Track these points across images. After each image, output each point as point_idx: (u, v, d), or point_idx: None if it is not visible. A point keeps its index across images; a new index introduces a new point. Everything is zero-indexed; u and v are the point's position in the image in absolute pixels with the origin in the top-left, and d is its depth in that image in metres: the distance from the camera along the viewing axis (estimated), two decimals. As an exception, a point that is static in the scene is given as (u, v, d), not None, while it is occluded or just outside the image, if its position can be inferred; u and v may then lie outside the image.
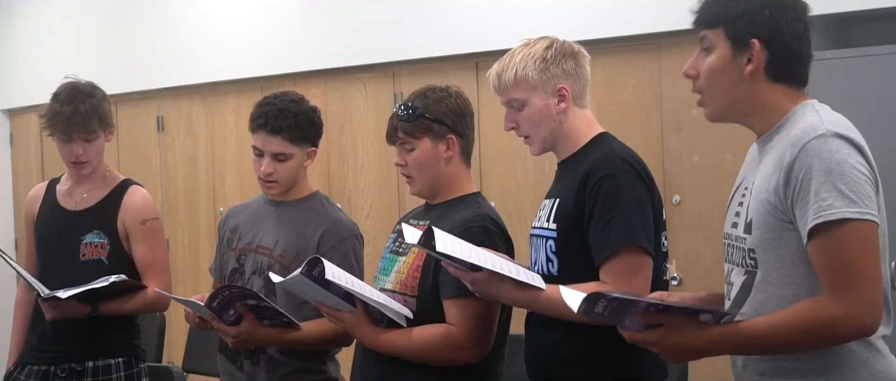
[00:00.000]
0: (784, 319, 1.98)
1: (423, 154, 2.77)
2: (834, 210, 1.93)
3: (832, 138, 1.98)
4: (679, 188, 4.69)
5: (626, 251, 2.38)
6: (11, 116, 7.43)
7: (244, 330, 2.90)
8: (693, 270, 4.57)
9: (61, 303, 3.26)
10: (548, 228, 2.52)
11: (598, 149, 2.51)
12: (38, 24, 7.20)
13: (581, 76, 2.60)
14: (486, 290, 2.42)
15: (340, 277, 2.62)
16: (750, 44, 2.09)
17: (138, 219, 3.44)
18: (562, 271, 2.47)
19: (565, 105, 2.55)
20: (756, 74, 2.10)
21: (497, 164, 5.15)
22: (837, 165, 1.96)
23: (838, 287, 1.94)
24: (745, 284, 2.10)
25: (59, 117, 3.35)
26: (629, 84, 4.76)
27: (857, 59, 4.19)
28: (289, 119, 3.02)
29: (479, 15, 5.13)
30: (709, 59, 2.14)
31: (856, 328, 1.95)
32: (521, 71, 2.55)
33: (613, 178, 2.42)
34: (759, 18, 2.08)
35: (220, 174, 6.29)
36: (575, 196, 2.45)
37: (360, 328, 2.71)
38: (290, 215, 3.12)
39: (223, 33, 6.20)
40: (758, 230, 2.06)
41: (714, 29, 2.12)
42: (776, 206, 2.02)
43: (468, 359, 2.65)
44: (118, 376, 3.43)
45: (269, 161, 3.05)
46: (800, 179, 1.98)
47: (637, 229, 2.38)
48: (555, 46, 2.58)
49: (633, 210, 2.40)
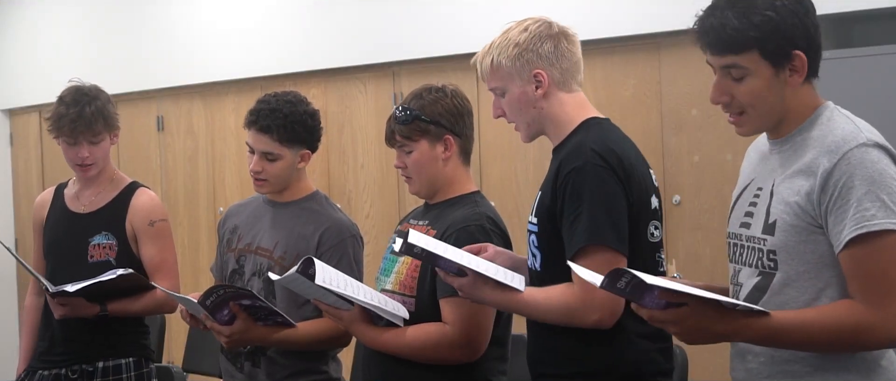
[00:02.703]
0: (817, 317, 1.98)
1: (421, 156, 2.76)
2: (877, 221, 1.93)
3: (873, 149, 1.99)
4: (679, 188, 4.69)
5: (591, 250, 2.29)
6: (11, 116, 7.44)
7: (237, 330, 2.89)
8: (693, 270, 4.56)
9: (71, 301, 3.28)
10: (531, 222, 2.48)
11: (575, 139, 2.42)
12: (38, 25, 7.20)
13: (563, 59, 2.47)
14: (471, 293, 2.37)
15: (332, 279, 2.61)
16: (792, 56, 2.04)
17: (147, 220, 3.45)
18: (544, 265, 2.42)
19: (542, 91, 2.46)
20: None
21: (497, 162, 5.15)
22: (879, 175, 1.96)
23: (874, 296, 1.94)
24: (760, 285, 2.09)
25: (65, 120, 3.37)
26: (629, 84, 4.76)
27: (857, 59, 4.19)
28: (278, 119, 3.01)
29: (478, 15, 5.13)
30: (749, 83, 2.06)
31: (886, 338, 1.96)
32: (496, 58, 2.48)
33: (580, 172, 2.32)
34: (794, 29, 2.04)
35: (220, 174, 6.29)
36: (551, 190, 2.39)
37: (357, 326, 2.71)
38: (290, 215, 3.12)
39: (223, 33, 6.21)
40: (783, 233, 2.04)
41: (745, 53, 2.05)
42: (807, 211, 2.01)
43: (462, 359, 2.65)
44: (128, 375, 3.45)
45: (258, 159, 3.05)
46: (839, 188, 1.97)
47: (601, 225, 2.29)
48: (531, 29, 2.48)
49: (599, 206, 2.30)
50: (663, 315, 1.95)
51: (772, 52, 2.04)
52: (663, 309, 1.94)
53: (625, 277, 1.91)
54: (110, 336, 3.42)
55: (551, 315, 2.34)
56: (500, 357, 2.75)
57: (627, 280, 1.91)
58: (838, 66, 4.12)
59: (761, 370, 2.10)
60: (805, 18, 2.05)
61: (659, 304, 1.95)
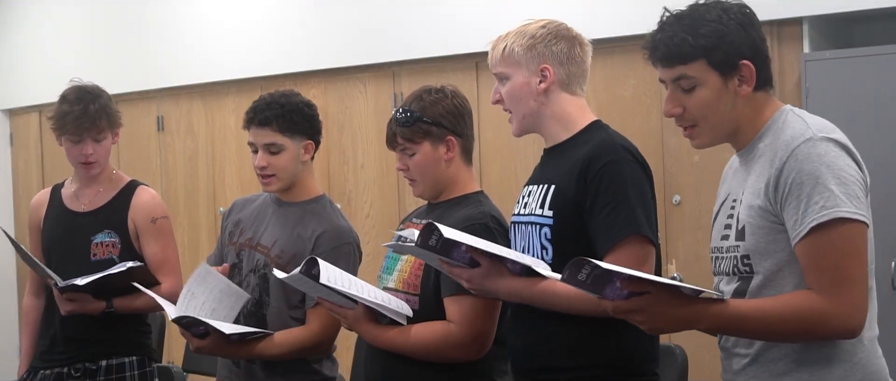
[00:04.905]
0: (774, 305, 2.01)
1: (424, 158, 2.77)
2: (825, 212, 1.96)
3: (821, 142, 2.02)
4: (679, 188, 4.69)
5: (632, 241, 2.34)
6: (11, 116, 7.43)
7: (205, 346, 2.96)
8: (693, 270, 4.57)
9: (78, 296, 3.29)
10: (542, 215, 2.48)
11: (596, 135, 2.47)
12: (38, 25, 7.19)
13: (573, 63, 2.52)
14: (483, 283, 2.40)
15: (336, 279, 2.63)
16: (739, 66, 2.10)
17: (149, 218, 3.47)
18: (556, 258, 2.42)
19: (545, 85, 2.49)
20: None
21: (497, 162, 5.15)
22: (827, 166, 1.99)
23: (828, 286, 1.97)
24: (738, 290, 2.11)
25: (70, 118, 3.38)
26: (629, 84, 4.76)
27: (857, 59, 4.19)
28: (276, 109, 3.03)
29: (479, 15, 5.13)
30: (698, 93, 2.12)
31: (841, 328, 1.99)
32: (510, 46, 2.52)
33: (617, 165, 2.38)
34: (737, 38, 2.10)
35: (220, 174, 6.29)
36: (575, 183, 2.41)
37: (361, 324, 2.72)
38: (292, 216, 3.12)
39: (223, 33, 6.20)
40: (752, 236, 2.08)
41: (691, 63, 2.11)
42: (767, 209, 2.05)
43: (467, 357, 2.66)
44: (132, 374, 3.46)
45: (263, 154, 3.05)
46: (789, 183, 2.00)
47: (641, 218, 2.36)
48: (549, 27, 2.53)
49: (638, 199, 2.37)
50: (627, 305, 1.97)
51: (719, 62, 2.10)
52: (626, 299, 1.97)
53: (585, 268, 1.92)
54: (113, 334, 3.43)
55: (579, 305, 2.33)
56: (503, 356, 2.75)
57: (588, 272, 1.93)
58: (838, 66, 4.13)
59: (746, 371, 2.12)
60: (751, 30, 2.12)
61: (621, 295, 1.97)
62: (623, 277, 1.93)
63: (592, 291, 1.99)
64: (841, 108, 4.02)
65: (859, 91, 4.08)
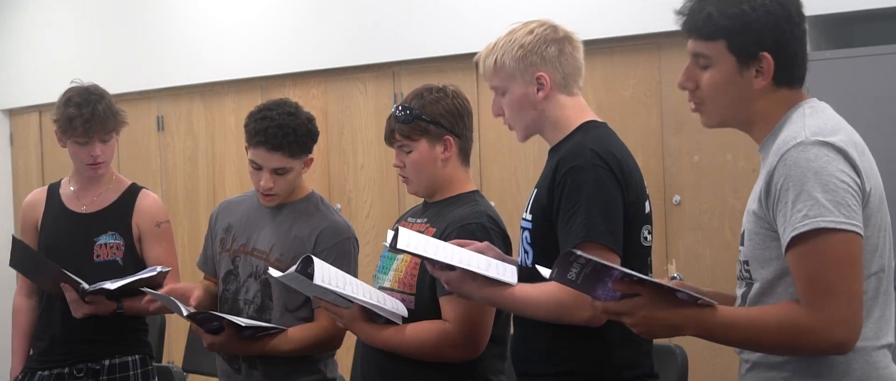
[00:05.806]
0: (759, 316, 1.95)
1: (421, 156, 2.76)
2: (808, 222, 1.88)
3: (811, 146, 1.93)
4: (679, 188, 4.69)
5: (586, 248, 2.25)
6: (11, 116, 7.43)
7: (218, 341, 2.96)
8: (693, 270, 4.57)
9: (94, 299, 3.30)
10: (524, 218, 2.48)
11: (574, 139, 2.43)
12: (38, 25, 7.20)
13: (566, 63, 2.48)
14: (459, 289, 2.36)
15: (331, 278, 2.62)
16: (759, 57, 2.02)
17: (153, 221, 3.50)
18: (536, 262, 2.41)
19: (544, 93, 2.46)
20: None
21: (497, 163, 5.15)
22: (814, 173, 1.90)
23: (812, 298, 1.89)
24: (744, 296, 2.07)
25: (78, 120, 3.36)
26: (629, 84, 4.76)
27: (857, 59, 4.19)
28: (289, 135, 2.99)
29: (478, 15, 5.13)
30: (711, 73, 2.06)
31: (825, 343, 1.89)
32: (500, 59, 2.48)
33: (579, 171, 2.33)
34: (765, 29, 2.01)
35: (220, 174, 6.29)
36: (548, 188, 2.39)
37: (356, 324, 2.72)
38: (286, 217, 3.11)
39: (223, 33, 6.20)
40: (750, 242, 2.03)
41: (712, 41, 2.04)
42: (762, 217, 1.99)
43: (462, 356, 2.65)
44: (135, 373, 3.47)
45: (269, 176, 3.04)
46: (778, 190, 1.93)
47: (598, 224, 2.29)
48: (537, 32, 2.48)
49: (596, 205, 2.30)
50: (618, 306, 1.93)
51: (738, 48, 2.03)
52: (617, 300, 1.93)
53: (576, 263, 1.89)
54: (116, 334, 3.44)
55: (541, 312, 2.32)
56: (499, 355, 2.76)
57: (578, 270, 1.90)
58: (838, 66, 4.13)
59: (746, 377, 2.09)
60: (784, 22, 2.03)
61: (613, 296, 1.93)
62: (615, 277, 1.90)
63: (585, 290, 1.96)
64: (841, 108, 4.00)
65: (859, 91, 4.07)
